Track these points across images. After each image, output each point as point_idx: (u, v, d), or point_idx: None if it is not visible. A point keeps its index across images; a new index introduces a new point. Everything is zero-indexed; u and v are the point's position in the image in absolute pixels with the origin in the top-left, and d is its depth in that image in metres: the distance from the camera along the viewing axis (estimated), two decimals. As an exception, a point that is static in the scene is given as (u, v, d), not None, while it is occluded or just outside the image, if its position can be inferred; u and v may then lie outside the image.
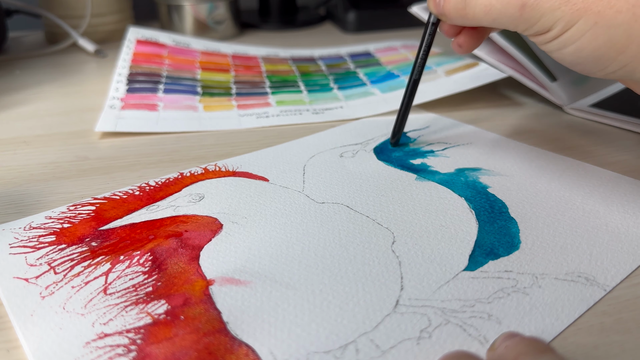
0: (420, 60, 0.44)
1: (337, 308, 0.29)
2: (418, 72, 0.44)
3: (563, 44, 0.34)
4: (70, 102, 0.59)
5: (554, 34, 0.34)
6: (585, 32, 0.33)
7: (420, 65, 0.44)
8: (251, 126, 0.52)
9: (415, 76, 0.44)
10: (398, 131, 0.46)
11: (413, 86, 0.45)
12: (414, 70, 0.44)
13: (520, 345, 0.23)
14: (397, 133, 0.46)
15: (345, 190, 0.40)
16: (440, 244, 0.34)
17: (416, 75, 0.44)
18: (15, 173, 0.43)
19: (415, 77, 0.44)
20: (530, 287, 0.30)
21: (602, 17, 0.32)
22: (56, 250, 0.33)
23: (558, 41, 0.34)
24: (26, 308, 0.28)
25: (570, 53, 0.34)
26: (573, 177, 0.41)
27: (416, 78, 0.44)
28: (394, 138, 0.47)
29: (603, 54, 0.33)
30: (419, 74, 0.44)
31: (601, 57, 0.33)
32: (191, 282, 0.30)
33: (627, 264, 0.32)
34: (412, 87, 0.45)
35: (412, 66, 0.44)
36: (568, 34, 0.34)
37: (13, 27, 0.83)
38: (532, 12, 0.34)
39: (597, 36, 0.33)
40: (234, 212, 0.37)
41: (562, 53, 0.35)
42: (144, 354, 0.26)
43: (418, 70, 0.44)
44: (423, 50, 0.43)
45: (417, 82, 0.45)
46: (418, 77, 0.44)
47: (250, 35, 0.90)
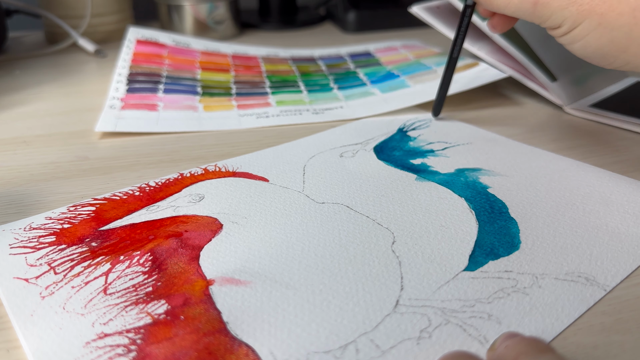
0: (459, 40, 0.48)
1: (337, 308, 0.29)
2: (457, 50, 0.49)
3: (573, 40, 0.38)
4: (70, 102, 0.59)
5: (563, 30, 0.38)
6: (590, 31, 0.36)
7: (459, 45, 0.48)
8: (251, 126, 0.52)
9: (454, 54, 0.49)
10: (439, 103, 0.52)
11: (452, 64, 0.50)
12: (453, 49, 0.49)
13: (520, 345, 0.23)
14: (438, 105, 0.52)
15: (345, 190, 0.40)
16: (440, 244, 0.34)
17: (455, 53, 0.49)
18: (15, 173, 0.43)
19: (454, 55, 0.49)
20: (530, 287, 0.30)
21: (605, 18, 0.35)
22: (56, 250, 0.33)
23: (568, 37, 0.38)
24: (26, 308, 0.28)
25: (579, 48, 0.38)
26: (573, 177, 0.41)
27: (455, 56, 0.49)
28: (437, 110, 0.52)
29: (607, 52, 0.36)
30: (458, 52, 0.49)
31: (606, 55, 0.37)
32: (191, 282, 0.30)
33: (627, 264, 0.32)
34: (451, 65, 0.50)
35: (452, 45, 0.49)
36: (575, 32, 0.37)
37: (13, 27, 0.83)
38: (543, 9, 0.38)
39: (600, 36, 0.36)
40: (234, 212, 0.37)
41: (572, 47, 0.38)
42: (144, 354, 0.26)
43: (457, 49, 0.49)
44: (461, 30, 0.48)
45: (455, 60, 0.49)
46: (457, 55, 0.49)
47: (250, 35, 0.90)
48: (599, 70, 0.58)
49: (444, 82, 0.51)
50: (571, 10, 0.37)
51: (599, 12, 0.36)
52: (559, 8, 0.37)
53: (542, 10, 0.38)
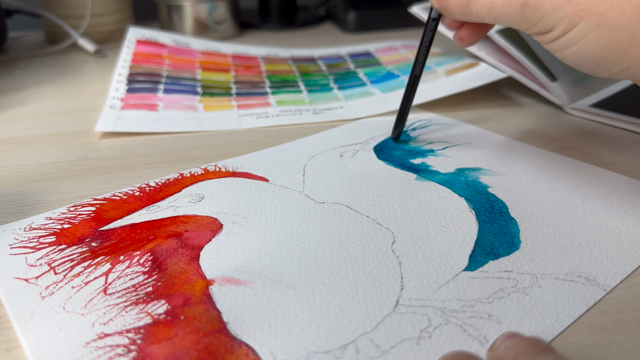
0: (421, 56, 0.44)
1: (337, 308, 0.29)
2: (419, 68, 0.44)
3: (565, 45, 0.34)
4: (70, 102, 0.59)
5: (555, 34, 0.34)
6: (588, 33, 0.32)
7: (421, 62, 0.44)
8: (251, 126, 0.52)
9: (416, 72, 0.44)
10: (398, 126, 0.47)
11: (414, 82, 0.45)
12: (415, 66, 0.44)
13: (520, 345, 0.23)
14: (397, 128, 0.47)
15: (345, 190, 0.40)
16: (440, 244, 0.34)
17: (417, 71, 0.44)
18: (15, 173, 0.43)
19: (416, 72, 0.44)
20: (530, 287, 0.30)
21: (604, 18, 0.32)
22: (56, 250, 0.33)
23: (560, 41, 0.34)
24: (26, 308, 0.28)
25: (572, 54, 0.34)
26: (573, 177, 0.41)
27: (417, 74, 0.44)
28: (395, 133, 0.47)
29: (606, 56, 0.33)
30: (420, 70, 0.44)
31: (604, 59, 0.33)
32: (191, 282, 0.30)
33: (627, 264, 0.32)
34: (412, 83, 0.45)
35: (414, 62, 0.44)
36: (570, 35, 0.33)
37: (13, 27, 0.83)
38: (534, 11, 0.34)
39: (599, 38, 0.32)
40: (234, 212, 0.37)
41: (564, 53, 0.35)
42: (144, 354, 0.26)
43: (419, 66, 0.44)
44: (424, 46, 0.43)
45: (417, 78, 0.45)
46: (419, 73, 0.44)
47: (250, 35, 0.90)
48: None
49: (405, 102, 0.46)
50: (566, 11, 0.33)
51: (598, 12, 0.32)
52: (552, 9, 0.33)
53: (533, 13, 0.34)
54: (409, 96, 0.45)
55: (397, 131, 0.47)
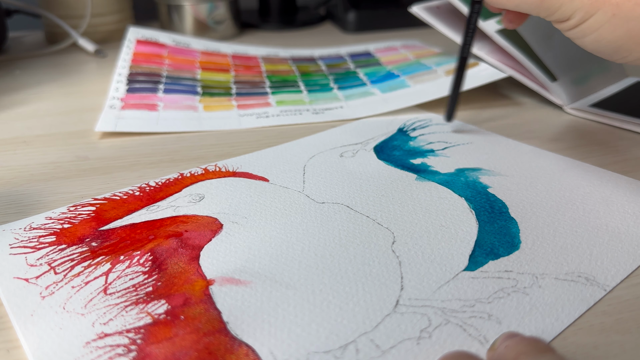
0: (468, 39, 0.46)
1: (337, 308, 0.29)
2: (467, 50, 0.46)
3: (582, 33, 0.35)
4: (70, 102, 0.59)
5: (573, 22, 0.35)
6: (604, 23, 0.34)
7: (468, 43, 0.46)
8: (251, 126, 0.52)
9: (464, 54, 0.47)
10: (451, 108, 0.49)
11: (462, 63, 0.47)
12: (463, 49, 0.46)
13: (520, 345, 0.23)
14: (451, 110, 0.50)
15: (346, 190, 0.40)
16: (440, 244, 0.34)
17: (465, 53, 0.46)
18: (15, 173, 0.43)
19: (464, 54, 0.47)
20: (531, 287, 0.30)
21: (620, 9, 0.33)
22: (56, 250, 0.33)
23: (578, 30, 0.35)
24: (26, 308, 0.28)
25: (590, 42, 0.35)
26: (573, 177, 0.41)
27: (465, 56, 0.47)
28: (448, 114, 0.50)
29: (622, 45, 0.34)
30: (468, 52, 0.46)
31: (620, 48, 0.34)
32: (191, 282, 0.30)
33: (627, 264, 0.32)
34: (461, 64, 0.47)
35: (462, 44, 0.46)
36: (587, 24, 0.35)
37: (13, 27, 0.83)
38: (552, 1, 0.35)
39: (615, 28, 0.33)
40: (234, 212, 0.37)
41: (583, 41, 0.36)
42: (144, 354, 0.26)
43: (467, 48, 0.46)
44: (470, 28, 0.46)
45: (465, 60, 0.47)
46: (467, 54, 0.47)
47: (250, 35, 0.90)
48: (599, 70, 0.58)
49: (456, 83, 0.48)
50: (583, 1, 0.34)
51: (614, 3, 0.33)
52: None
53: (551, 2, 0.35)
54: (460, 77, 0.48)
55: (451, 112, 0.50)
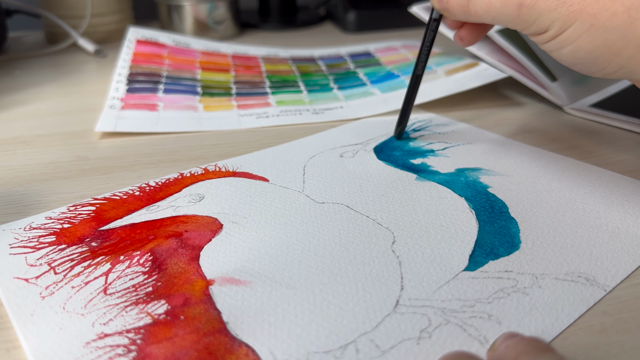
0: (422, 56, 0.44)
1: (337, 308, 0.29)
2: (421, 67, 0.45)
3: (560, 45, 0.35)
4: (70, 102, 0.59)
5: (551, 34, 0.35)
6: (582, 34, 0.33)
7: (422, 61, 0.44)
8: (251, 126, 0.52)
9: (418, 71, 0.45)
10: (400, 125, 0.48)
11: (416, 81, 0.46)
12: (417, 66, 0.45)
13: (520, 345, 0.23)
14: (400, 126, 0.48)
15: (346, 190, 0.40)
16: (440, 244, 0.34)
17: (419, 70, 0.45)
18: (15, 173, 0.43)
19: (418, 72, 0.45)
20: (531, 287, 0.30)
21: (597, 19, 0.33)
22: (56, 250, 0.33)
23: (555, 41, 0.35)
24: (26, 308, 0.28)
25: (567, 54, 0.35)
26: (573, 177, 0.41)
27: (419, 73, 0.45)
28: (397, 132, 0.48)
29: (600, 56, 0.34)
30: (422, 70, 0.45)
31: (598, 59, 0.34)
32: (191, 282, 0.30)
33: (627, 264, 0.32)
34: (414, 82, 0.46)
35: (416, 61, 0.45)
36: (564, 35, 0.34)
37: (13, 27, 0.83)
38: (529, 12, 0.35)
39: (593, 38, 0.33)
40: (234, 212, 0.37)
41: (560, 53, 0.35)
42: (143, 354, 0.26)
43: (421, 65, 0.45)
44: (425, 46, 0.44)
45: (419, 78, 0.45)
46: (421, 72, 0.45)
47: (250, 35, 0.90)
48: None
49: (407, 101, 0.46)
50: (560, 12, 0.34)
51: (591, 13, 0.33)
52: (547, 10, 0.34)
53: (528, 13, 0.35)
54: (411, 95, 0.46)
55: (400, 129, 0.48)
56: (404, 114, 0.47)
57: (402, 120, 0.47)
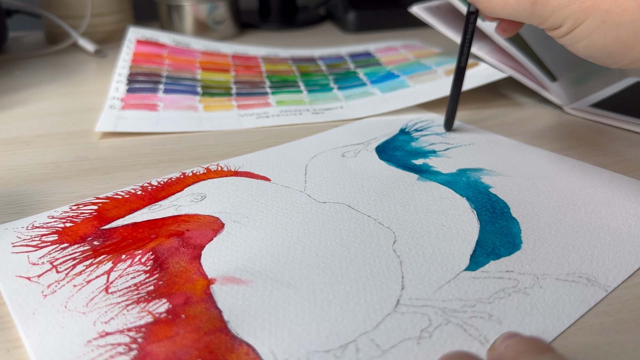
0: (465, 49, 0.46)
1: (338, 307, 0.29)
2: (464, 59, 0.47)
3: (574, 40, 0.36)
4: (70, 102, 0.59)
5: (564, 30, 0.36)
6: (594, 29, 0.34)
7: (465, 53, 0.46)
8: (251, 126, 0.52)
9: (462, 64, 0.47)
10: (450, 117, 0.50)
11: (460, 74, 0.47)
12: (460, 58, 0.47)
13: (520, 345, 0.23)
14: (450, 119, 0.50)
15: (347, 190, 0.40)
16: (441, 244, 0.34)
17: (463, 62, 0.47)
18: (15, 173, 0.43)
19: (462, 64, 0.47)
20: (531, 288, 0.30)
21: (609, 15, 0.33)
22: (58, 249, 0.33)
23: (569, 37, 0.36)
24: (28, 306, 0.28)
25: (582, 48, 0.36)
26: (575, 177, 0.41)
27: (463, 65, 0.47)
28: (448, 125, 0.50)
29: (613, 50, 0.35)
30: (465, 62, 0.47)
31: (612, 53, 0.35)
32: (192, 281, 0.30)
33: (628, 265, 0.32)
34: (459, 75, 0.48)
35: (459, 54, 0.47)
36: (577, 31, 0.35)
37: (13, 27, 0.83)
38: (543, 9, 0.36)
39: (605, 34, 0.34)
40: (236, 212, 0.37)
41: (575, 47, 0.37)
42: (145, 353, 0.26)
43: (464, 58, 0.46)
44: (467, 38, 0.46)
45: (464, 70, 0.47)
46: (464, 64, 0.47)
47: (250, 35, 0.90)
48: (599, 70, 0.58)
49: (454, 93, 0.48)
50: (573, 8, 0.35)
51: (603, 9, 0.34)
52: (560, 6, 0.35)
53: (542, 10, 0.36)
54: (457, 87, 0.48)
55: (450, 121, 0.50)
56: (452, 107, 0.49)
57: (452, 113, 0.49)
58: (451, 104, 0.49)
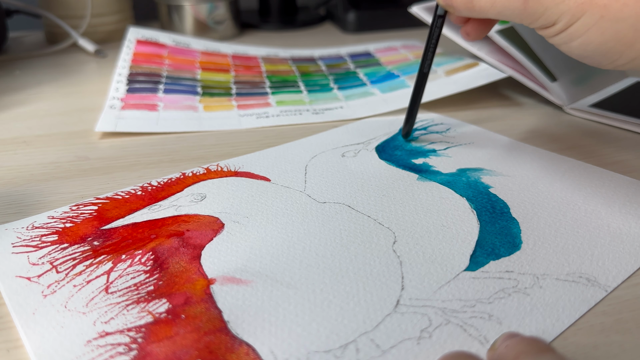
0: (429, 54, 0.44)
1: (338, 307, 0.29)
2: (427, 65, 0.44)
3: (569, 38, 0.34)
4: (70, 102, 0.59)
5: (559, 27, 0.34)
6: (591, 26, 0.32)
7: (429, 59, 0.44)
8: (251, 126, 0.52)
9: (424, 69, 0.44)
10: (407, 124, 0.47)
11: (422, 79, 0.45)
12: (423, 64, 0.44)
13: (520, 345, 0.23)
14: (407, 125, 0.47)
15: (347, 190, 0.40)
16: (441, 244, 0.34)
17: (425, 68, 0.44)
18: (15, 173, 0.43)
19: (424, 70, 0.44)
20: (531, 288, 0.30)
21: (608, 10, 0.32)
22: (58, 249, 0.33)
23: (564, 35, 0.34)
24: (28, 306, 0.29)
25: (576, 47, 0.34)
26: (575, 177, 0.41)
27: (425, 71, 0.44)
28: (405, 131, 0.48)
29: (610, 48, 0.33)
30: (428, 68, 0.44)
31: (609, 51, 0.33)
32: (192, 281, 0.30)
33: (628, 265, 0.32)
34: (420, 81, 0.45)
35: (422, 59, 0.44)
36: (573, 28, 0.33)
37: (13, 27, 0.83)
38: (536, 5, 0.34)
39: (603, 30, 0.32)
40: (236, 212, 0.37)
41: (569, 47, 0.35)
42: (144, 353, 0.26)
43: (427, 63, 0.44)
44: (431, 43, 0.43)
45: (425, 76, 0.45)
46: (427, 70, 0.44)
47: (250, 35, 0.90)
48: (599, 71, 0.58)
49: (413, 100, 0.46)
50: (568, 4, 0.33)
51: (601, 4, 0.32)
52: (554, 3, 0.33)
53: (535, 7, 0.34)
54: (417, 94, 0.46)
55: (407, 129, 0.47)
56: (410, 113, 0.47)
57: (409, 119, 0.47)
58: (410, 111, 0.46)
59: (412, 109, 0.46)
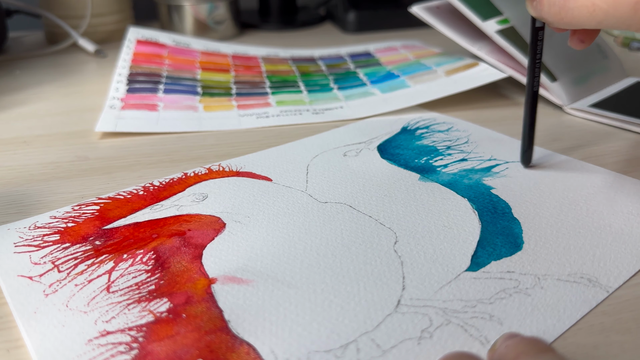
0: (536, 70, 0.40)
1: (339, 307, 0.29)
2: (537, 83, 0.41)
3: None
4: (70, 102, 0.59)
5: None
6: None
7: (537, 75, 0.40)
8: (251, 126, 0.52)
9: (535, 88, 0.41)
10: (528, 150, 0.43)
11: (534, 99, 0.41)
12: (533, 82, 0.41)
13: (520, 345, 0.23)
14: (528, 152, 0.43)
15: (349, 190, 0.40)
16: (442, 244, 0.34)
17: (535, 86, 0.41)
18: (15, 173, 0.43)
19: (535, 88, 0.41)
20: (533, 288, 0.30)
21: None
22: (60, 249, 0.33)
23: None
24: (30, 305, 0.29)
25: None
26: (576, 177, 0.41)
27: (535, 90, 0.41)
28: (525, 158, 0.43)
29: None
30: (538, 85, 0.41)
31: None
32: (193, 281, 0.30)
33: (630, 265, 0.32)
34: (532, 101, 0.41)
35: (528, 78, 0.41)
36: None
37: (13, 27, 0.83)
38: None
39: None
40: (237, 212, 0.37)
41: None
42: (145, 352, 0.26)
43: (536, 81, 0.41)
44: (536, 58, 0.40)
45: (536, 94, 0.41)
46: (537, 88, 0.41)
47: (250, 35, 0.90)
48: (599, 70, 0.58)
49: (528, 122, 0.42)
50: None
51: None
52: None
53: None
54: (532, 115, 0.42)
55: (528, 155, 0.43)
56: (530, 138, 0.42)
57: (529, 145, 0.42)
58: (528, 136, 0.42)
59: (531, 133, 0.42)
